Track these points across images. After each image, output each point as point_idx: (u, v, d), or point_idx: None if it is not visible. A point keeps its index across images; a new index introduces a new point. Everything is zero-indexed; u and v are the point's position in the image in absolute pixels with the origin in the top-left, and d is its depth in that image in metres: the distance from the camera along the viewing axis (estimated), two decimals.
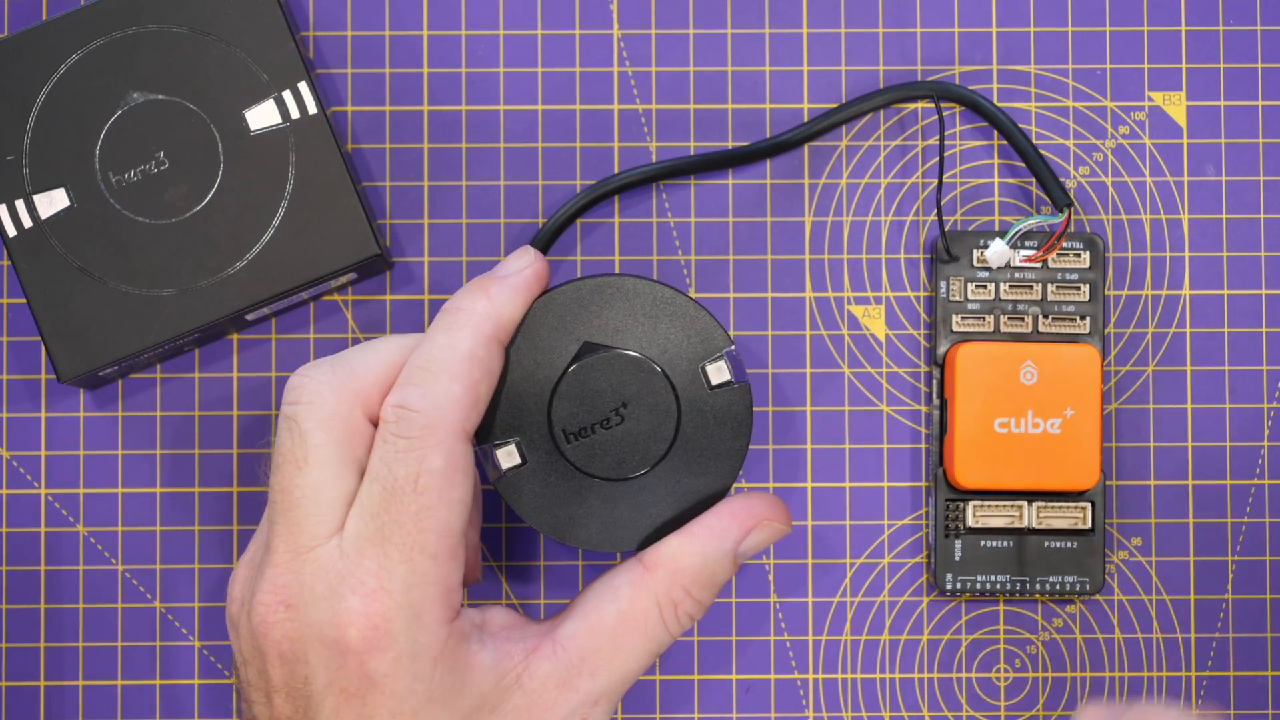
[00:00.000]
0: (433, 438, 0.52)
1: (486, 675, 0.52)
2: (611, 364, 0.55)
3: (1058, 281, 0.60)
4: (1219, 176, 0.61)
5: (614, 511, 0.55)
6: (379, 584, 0.51)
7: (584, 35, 0.62)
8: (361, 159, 0.61)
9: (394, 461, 0.51)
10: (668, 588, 0.54)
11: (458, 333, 0.53)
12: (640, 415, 0.55)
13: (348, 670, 0.51)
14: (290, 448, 0.53)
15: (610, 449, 0.55)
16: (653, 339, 0.55)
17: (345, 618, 0.51)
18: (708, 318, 0.55)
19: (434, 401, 0.52)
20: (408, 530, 0.51)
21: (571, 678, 0.53)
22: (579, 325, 0.55)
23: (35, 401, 0.61)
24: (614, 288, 0.55)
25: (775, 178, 0.61)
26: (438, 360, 0.53)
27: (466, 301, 0.54)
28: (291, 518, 0.52)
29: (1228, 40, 0.62)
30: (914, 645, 0.61)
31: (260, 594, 0.52)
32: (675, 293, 0.55)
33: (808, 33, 0.62)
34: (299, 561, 0.52)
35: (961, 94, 0.60)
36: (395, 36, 0.62)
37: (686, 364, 0.55)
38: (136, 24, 0.59)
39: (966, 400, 0.59)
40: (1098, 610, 0.61)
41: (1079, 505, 0.60)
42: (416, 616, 0.51)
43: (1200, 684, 0.61)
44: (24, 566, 0.61)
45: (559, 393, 0.55)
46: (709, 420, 0.55)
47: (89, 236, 0.58)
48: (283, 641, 0.52)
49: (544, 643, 0.53)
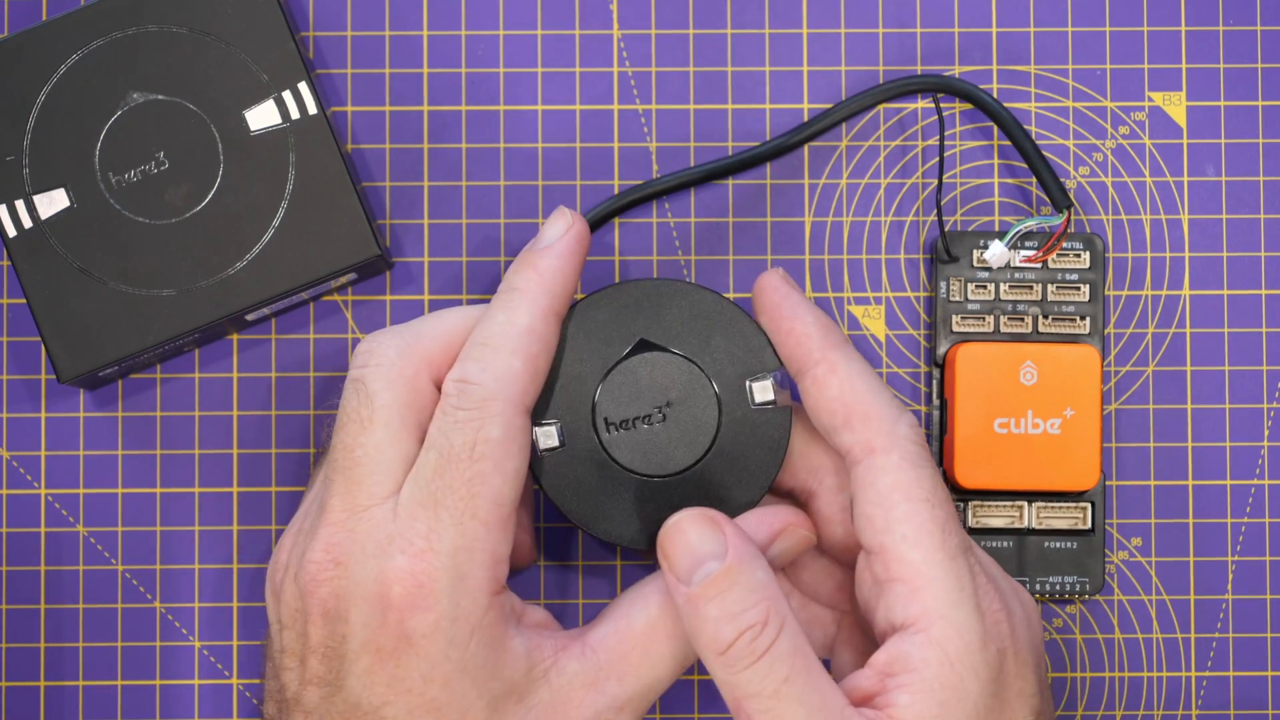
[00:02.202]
0: (492, 408, 0.52)
1: (518, 661, 0.52)
2: (662, 364, 0.56)
3: (1058, 282, 0.60)
4: (1219, 176, 0.61)
5: (641, 508, 0.56)
6: (427, 544, 0.51)
7: (584, 35, 0.62)
8: (361, 159, 0.61)
9: (451, 430, 0.52)
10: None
11: (516, 309, 0.54)
12: (682, 418, 0.56)
13: (387, 627, 0.51)
14: (356, 407, 0.53)
15: (648, 446, 0.55)
16: (706, 347, 0.56)
17: (391, 575, 0.51)
18: (762, 337, 0.56)
19: (494, 374, 0.53)
20: (460, 495, 0.52)
21: (599, 680, 0.53)
22: (637, 321, 0.56)
23: (35, 401, 0.61)
24: (677, 292, 0.56)
25: (775, 178, 0.61)
26: (497, 336, 0.53)
27: (520, 279, 0.55)
28: (352, 476, 0.53)
29: (1228, 40, 0.62)
30: None
31: (312, 552, 0.53)
32: (735, 307, 0.56)
33: (808, 33, 0.62)
34: (354, 520, 0.52)
35: (963, 89, 0.60)
36: (395, 36, 0.62)
37: (734, 377, 0.56)
38: (136, 24, 0.59)
39: (967, 400, 0.59)
40: (1098, 610, 0.61)
41: (1079, 506, 0.60)
42: (461, 579, 0.51)
43: (1200, 684, 0.61)
44: (24, 566, 0.61)
45: (607, 383, 0.56)
46: (746, 435, 0.56)
47: (89, 236, 0.58)
48: (329, 599, 0.52)
49: (574, 644, 0.54)
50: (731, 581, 0.51)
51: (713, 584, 0.51)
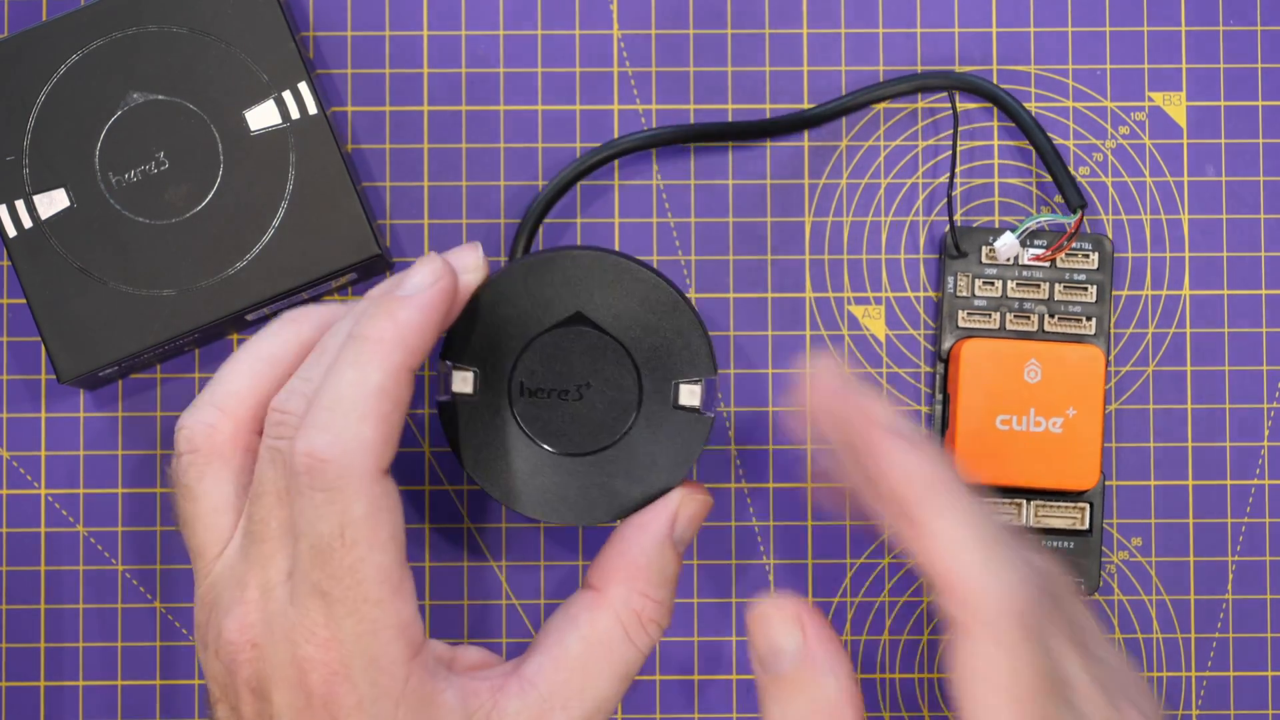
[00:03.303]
0: (349, 486, 0.50)
1: (453, 714, 0.52)
2: (593, 343, 0.55)
3: (1065, 281, 0.60)
4: (1219, 176, 0.62)
5: (535, 477, 0.55)
6: (330, 634, 0.50)
7: (584, 35, 0.62)
8: (361, 159, 0.61)
9: (316, 518, 0.50)
10: (625, 598, 0.54)
11: (366, 366, 0.51)
12: (597, 402, 0.55)
13: (313, 710, 0.51)
14: (274, 479, 0.52)
15: (557, 420, 0.55)
16: (645, 338, 0.55)
17: (306, 664, 0.50)
18: (704, 341, 0.55)
19: (345, 448, 0.50)
20: (346, 585, 0.50)
21: (544, 713, 0.52)
22: (583, 293, 0.55)
23: (35, 401, 0.61)
24: (634, 276, 0.55)
25: (775, 178, 0.61)
26: (345, 399, 0.51)
27: (374, 329, 0.51)
28: (265, 550, 0.52)
29: (1228, 40, 0.62)
30: (914, 645, 0.61)
31: (227, 631, 0.52)
32: (687, 305, 0.55)
33: (808, 33, 0.62)
34: (265, 599, 0.52)
35: (985, 88, 0.60)
36: (395, 36, 0.62)
37: (663, 374, 0.55)
38: (136, 24, 0.59)
39: (969, 396, 0.59)
40: (1097, 610, 0.61)
41: (1077, 506, 0.60)
42: (373, 661, 0.50)
43: (1200, 684, 0.61)
44: (24, 566, 0.61)
45: (534, 346, 0.55)
46: (659, 435, 0.55)
47: (89, 236, 0.58)
48: (252, 679, 0.52)
49: (510, 681, 0.53)
50: (798, 689, 0.50)
51: (780, 684, 0.51)
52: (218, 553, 0.53)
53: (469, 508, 0.61)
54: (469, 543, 0.61)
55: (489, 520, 0.61)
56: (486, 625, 0.61)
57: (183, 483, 0.54)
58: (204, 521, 0.54)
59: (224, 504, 0.53)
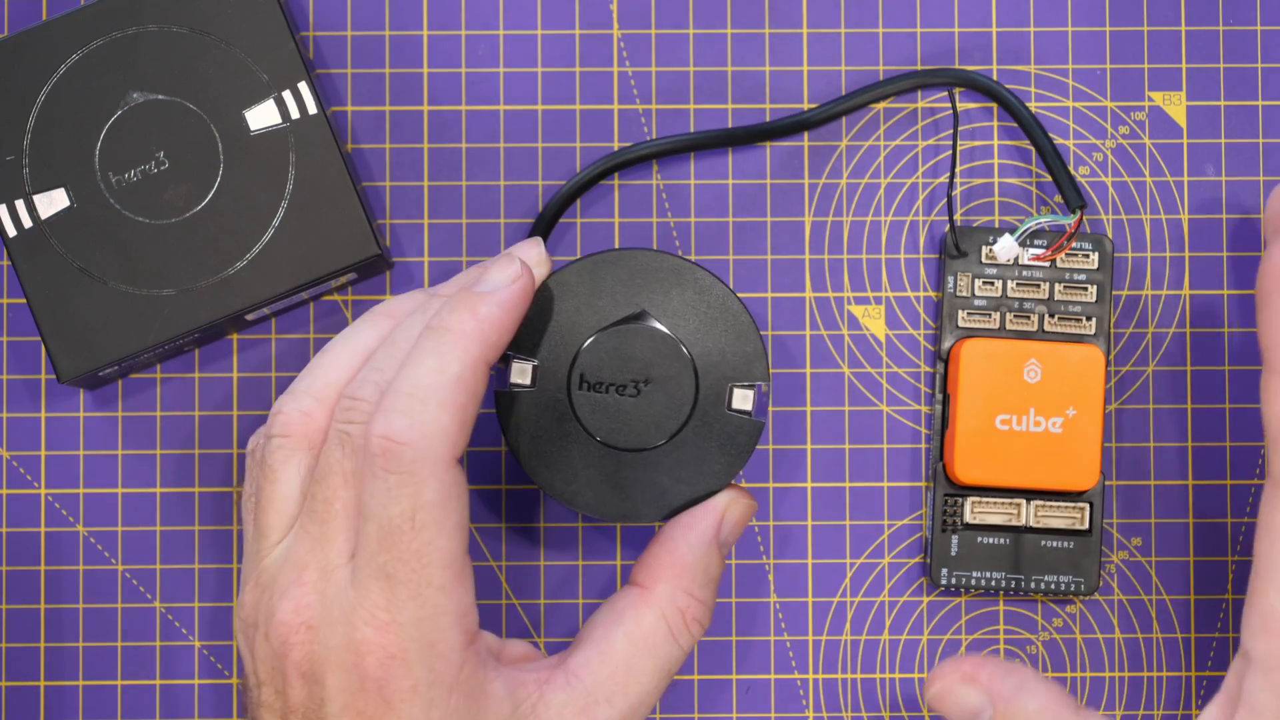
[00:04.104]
0: (423, 470, 0.51)
1: (502, 704, 0.52)
2: (654, 340, 0.56)
3: (1065, 281, 0.60)
4: (1219, 176, 0.62)
5: (586, 470, 0.56)
6: (390, 617, 0.51)
7: (584, 35, 0.62)
8: (361, 159, 0.61)
9: (387, 499, 0.51)
10: (671, 596, 0.54)
11: (446, 356, 0.52)
12: (655, 399, 0.56)
13: (366, 693, 0.51)
14: (340, 460, 0.53)
15: (613, 414, 0.56)
16: (702, 340, 0.56)
17: (362, 646, 0.51)
18: (760, 347, 0.56)
19: (422, 432, 0.51)
20: (411, 567, 0.51)
21: (589, 706, 0.53)
22: (646, 291, 0.56)
23: (35, 401, 0.61)
24: (695, 279, 0.56)
25: (775, 178, 0.61)
26: (425, 386, 0.51)
27: (455, 321, 0.53)
28: (328, 530, 0.52)
29: (1228, 40, 0.62)
30: (914, 645, 0.61)
31: (281, 612, 0.52)
32: (745, 311, 0.56)
33: (808, 33, 0.62)
34: (323, 581, 0.52)
35: (986, 84, 0.60)
36: (395, 36, 0.62)
37: (719, 376, 0.56)
38: (136, 24, 0.59)
39: (969, 396, 0.59)
40: (1098, 610, 0.61)
41: (1077, 506, 0.60)
42: (431, 647, 0.51)
43: (1200, 684, 0.61)
44: (24, 566, 0.61)
45: (595, 341, 0.56)
46: (712, 436, 0.56)
47: (89, 236, 0.58)
48: (304, 662, 0.52)
49: (556, 674, 0.53)
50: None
51: None
52: (280, 537, 0.54)
53: (468, 507, 0.61)
54: (468, 543, 0.61)
55: (489, 520, 0.61)
56: (486, 625, 0.61)
57: (268, 463, 0.54)
58: (277, 505, 0.54)
59: (300, 491, 0.54)
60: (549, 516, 0.61)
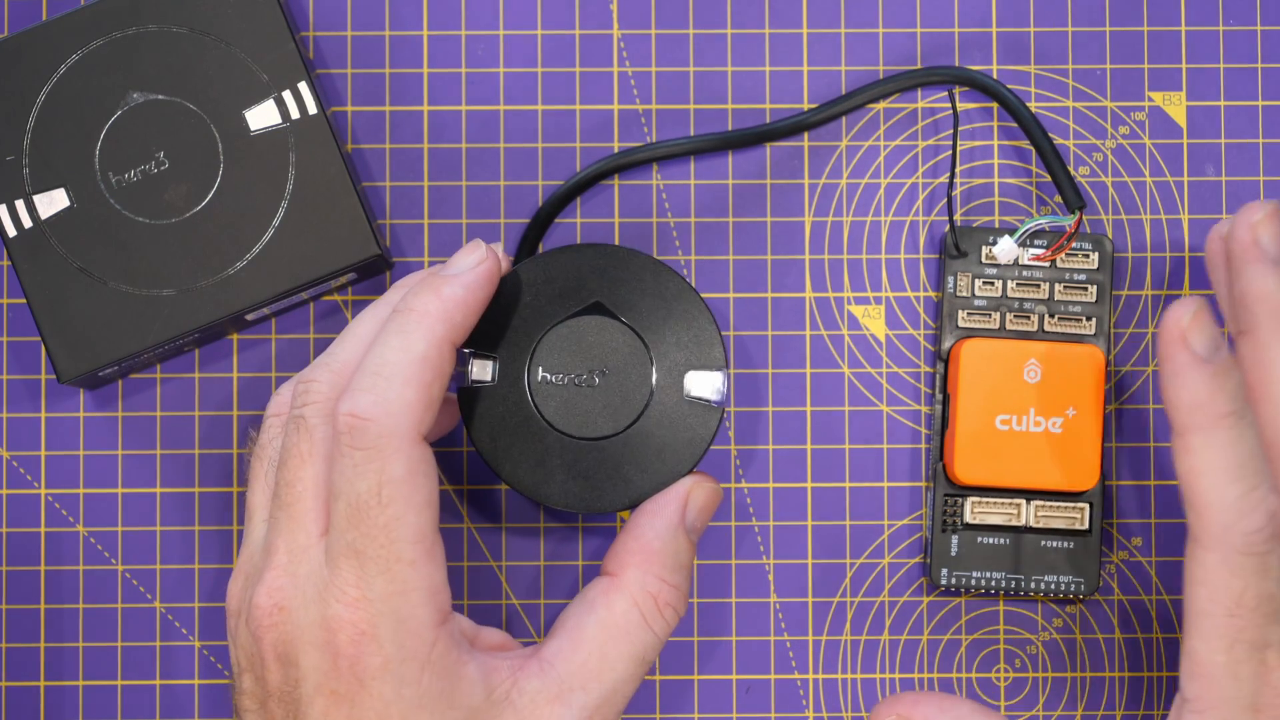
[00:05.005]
0: (389, 446, 0.51)
1: (475, 687, 0.52)
2: (610, 331, 0.56)
3: (1065, 281, 0.60)
4: (1219, 176, 0.62)
5: (548, 461, 0.56)
6: (360, 593, 0.51)
7: (584, 35, 0.62)
8: (361, 159, 0.61)
9: (354, 476, 0.51)
10: (641, 581, 0.55)
11: (410, 335, 0.53)
12: (613, 388, 0.56)
13: (339, 671, 0.51)
14: (296, 442, 0.53)
15: (572, 405, 0.56)
16: (659, 329, 0.56)
17: (334, 623, 0.51)
18: (717, 337, 0.56)
19: (387, 409, 0.52)
20: (380, 543, 0.51)
21: (563, 693, 0.53)
22: (602, 284, 0.56)
23: (35, 401, 0.61)
24: (647, 267, 0.56)
25: (775, 178, 0.61)
26: (390, 364, 0.52)
27: (419, 302, 0.53)
28: (293, 512, 0.53)
29: (1228, 40, 0.62)
30: (914, 645, 0.61)
31: (257, 596, 0.53)
32: (699, 299, 0.56)
33: (808, 33, 0.62)
34: (294, 563, 0.52)
35: (986, 83, 0.60)
36: (395, 36, 0.62)
37: (676, 365, 0.56)
38: (136, 24, 0.59)
39: (969, 396, 0.59)
40: (1098, 610, 0.61)
41: (1077, 506, 0.60)
42: (401, 622, 0.51)
43: None
44: (24, 566, 0.61)
45: (552, 335, 0.56)
46: (670, 424, 0.56)
47: (89, 236, 0.58)
48: (278, 644, 0.52)
49: (530, 662, 0.54)
50: None
51: None
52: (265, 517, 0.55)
53: (469, 508, 0.61)
54: (469, 543, 0.61)
55: (489, 520, 0.61)
56: (486, 625, 0.61)
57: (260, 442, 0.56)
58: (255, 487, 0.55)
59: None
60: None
